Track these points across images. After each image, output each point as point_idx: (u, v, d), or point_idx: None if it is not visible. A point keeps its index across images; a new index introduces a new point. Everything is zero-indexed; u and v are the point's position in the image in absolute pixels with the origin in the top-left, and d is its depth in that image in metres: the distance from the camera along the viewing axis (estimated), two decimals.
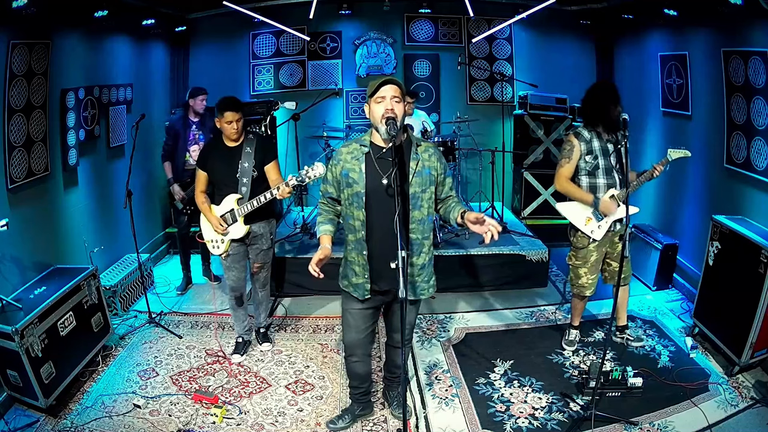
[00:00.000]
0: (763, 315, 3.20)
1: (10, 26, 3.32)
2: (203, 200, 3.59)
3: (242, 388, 3.47)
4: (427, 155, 2.60)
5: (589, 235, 3.51)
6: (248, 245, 3.67)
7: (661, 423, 3.04)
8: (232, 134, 3.44)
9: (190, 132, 4.64)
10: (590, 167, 3.42)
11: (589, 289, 3.64)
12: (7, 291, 3.30)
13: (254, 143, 3.51)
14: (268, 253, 3.78)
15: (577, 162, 3.44)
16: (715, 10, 3.84)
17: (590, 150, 3.41)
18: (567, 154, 3.46)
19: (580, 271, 3.62)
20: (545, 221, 6.06)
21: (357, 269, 2.64)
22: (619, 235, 3.52)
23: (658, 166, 3.34)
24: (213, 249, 3.65)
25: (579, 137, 3.43)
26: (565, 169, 3.49)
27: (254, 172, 3.49)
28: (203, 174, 3.57)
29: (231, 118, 3.39)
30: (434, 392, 3.42)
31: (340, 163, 2.59)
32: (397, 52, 6.46)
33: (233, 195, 3.49)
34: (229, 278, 3.71)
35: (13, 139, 3.43)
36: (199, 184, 3.59)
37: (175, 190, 4.65)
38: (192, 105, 4.62)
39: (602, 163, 3.40)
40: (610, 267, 3.67)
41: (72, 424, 3.11)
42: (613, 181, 3.43)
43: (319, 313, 4.53)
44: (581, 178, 3.49)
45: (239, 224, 3.52)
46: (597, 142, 3.40)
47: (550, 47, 6.44)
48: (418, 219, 2.57)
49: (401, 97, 2.47)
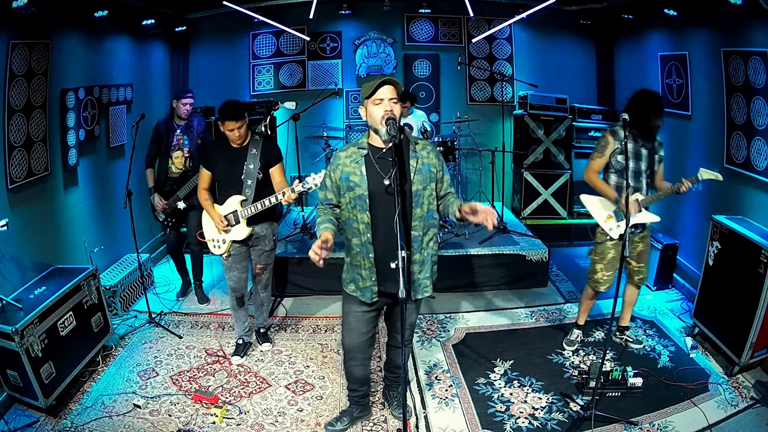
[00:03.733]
0: (763, 315, 3.20)
1: (10, 26, 3.32)
2: (206, 197, 3.57)
3: (242, 388, 3.47)
4: (425, 152, 2.60)
5: (607, 232, 3.54)
6: (250, 246, 3.65)
7: (661, 423, 3.04)
8: (235, 140, 3.42)
9: (174, 136, 4.33)
10: (620, 167, 3.44)
11: (603, 285, 3.66)
12: (7, 291, 3.30)
13: (260, 144, 3.49)
14: (271, 255, 3.77)
15: (608, 159, 3.48)
16: (715, 10, 3.84)
17: (623, 150, 3.42)
18: (600, 149, 3.51)
19: (597, 266, 3.65)
20: (545, 221, 6.06)
21: (364, 273, 2.62)
22: (641, 236, 3.57)
23: (686, 182, 3.33)
24: (214, 248, 3.63)
25: (615, 135, 3.46)
26: (595, 162, 3.52)
27: (259, 174, 3.46)
28: (207, 173, 3.54)
29: (232, 127, 3.35)
30: (434, 392, 3.42)
31: (339, 167, 2.58)
32: (397, 52, 6.47)
33: (237, 196, 3.47)
34: (230, 279, 3.69)
35: (13, 139, 3.43)
36: (203, 182, 3.57)
37: (155, 200, 4.37)
38: (175, 108, 4.32)
39: (632, 165, 3.42)
40: (630, 266, 3.69)
41: (72, 424, 3.11)
42: (640, 186, 3.47)
43: (319, 313, 4.53)
44: (610, 175, 3.53)
45: (242, 226, 3.50)
46: (631, 144, 3.42)
47: (550, 47, 6.44)
48: (419, 216, 2.58)
49: (398, 97, 2.47)
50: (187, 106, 4.33)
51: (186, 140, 4.37)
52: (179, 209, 4.35)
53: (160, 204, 4.38)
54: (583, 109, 6.23)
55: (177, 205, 4.33)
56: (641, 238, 3.59)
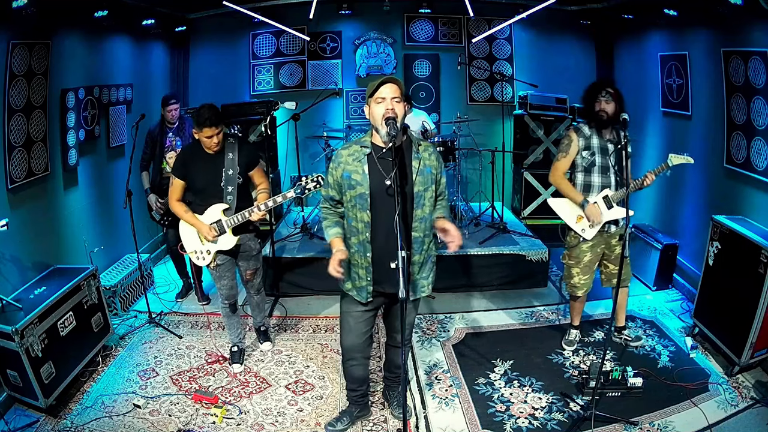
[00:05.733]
0: (763, 315, 3.20)
1: (10, 26, 3.32)
2: (185, 208, 3.36)
3: (242, 388, 3.47)
4: (427, 154, 2.61)
5: (580, 233, 3.50)
6: (237, 252, 3.50)
7: (661, 423, 3.04)
8: (212, 147, 3.25)
9: (167, 138, 4.42)
10: (586, 164, 3.42)
11: (581, 290, 3.63)
12: (7, 291, 3.30)
13: (235, 147, 3.33)
14: (259, 258, 3.65)
15: (574, 157, 3.45)
16: (715, 10, 3.84)
17: (588, 146, 3.41)
18: (564, 149, 3.47)
19: (572, 270, 3.62)
20: (545, 221, 6.05)
21: (360, 272, 2.63)
22: (617, 236, 3.50)
23: (650, 174, 3.32)
24: (197, 260, 3.44)
25: (578, 133, 3.44)
26: (561, 163, 3.49)
27: (239, 179, 3.32)
28: (180, 182, 3.34)
29: (210, 134, 3.18)
30: (434, 392, 3.42)
31: (341, 165, 2.57)
32: (397, 52, 6.47)
33: (219, 205, 3.31)
34: (221, 287, 3.54)
35: (13, 139, 3.43)
36: (175, 193, 3.36)
37: (151, 201, 4.44)
38: (163, 114, 4.41)
39: (599, 161, 3.39)
40: (608, 269, 3.66)
41: (72, 424, 3.11)
42: (608, 181, 3.42)
43: (319, 313, 4.53)
44: (577, 174, 3.49)
45: (228, 235, 3.34)
46: (596, 139, 3.40)
47: (550, 47, 6.45)
48: (420, 217, 2.58)
49: (401, 97, 2.46)
50: (173, 111, 4.41)
51: (178, 141, 4.44)
52: None
53: (157, 204, 4.43)
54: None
55: None
56: (617, 241, 3.50)
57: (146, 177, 4.52)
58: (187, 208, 3.38)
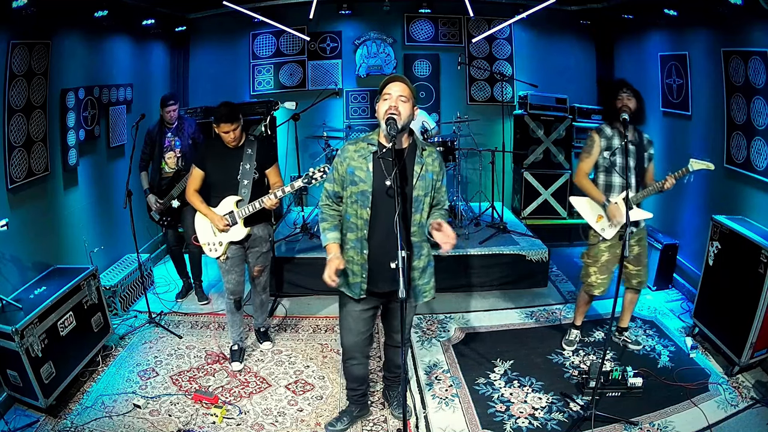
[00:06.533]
0: (763, 315, 3.20)
1: (10, 26, 3.32)
2: (200, 199, 3.47)
3: (242, 388, 3.47)
4: (430, 160, 2.59)
5: (599, 233, 3.51)
6: (247, 249, 3.60)
7: (661, 423, 3.04)
8: (230, 142, 3.39)
9: (166, 139, 4.43)
10: (607, 164, 3.43)
11: (597, 289, 3.62)
12: (7, 291, 3.30)
13: (255, 145, 3.46)
14: (268, 256, 3.74)
15: (596, 158, 3.46)
16: (715, 10, 3.84)
17: (609, 146, 3.41)
18: (587, 150, 3.49)
19: (590, 269, 3.61)
20: (545, 221, 6.07)
21: (355, 268, 2.62)
22: (636, 237, 3.52)
23: (670, 177, 3.30)
24: (210, 252, 3.54)
25: (600, 133, 3.45)
26: (584, 164, 3.51)
27: (255, 174, 3.44)
28: (199, 173, 3.47)
29: (227, 129, 3.32)
30: (434, 392, 3.42)
31: (347, 160, 2.56)
32: (397, 52, 6.46)
33: (232, 197, 3.42)
34: (228, 282, 3.61)
35: (13, 139, 3.43)
36: (194, 183, 3.49)
37: (151, 201, 4.44)
38: (162, 114, 4.42)
39: (619, 161, 3.40)
40: (626, 269, 3.63)
41: (72, 424, 3.11)
42: (629, 182, 3.42)
43: (319, 313, 4.53)
44: (599, 174, 3.51)
45: (239, 226, 3.46)
46: (618, 140, 3.41)
47: (550, 47, 6.44)
48: (418, 222, 2.57)
49: (409, 97, 2.43)
50: (172, 112, 4.41)
51: (177, 141, 4.44)
52: (173, 208, 4.39)
53: (156, 204, 4.43)
54: (583, 109, 6.24)
55: (171, 204, 4.38)
56: (637, 240, 3.53)
57: (145, 177, 4.52)
58: (202, 200, 3.49)
